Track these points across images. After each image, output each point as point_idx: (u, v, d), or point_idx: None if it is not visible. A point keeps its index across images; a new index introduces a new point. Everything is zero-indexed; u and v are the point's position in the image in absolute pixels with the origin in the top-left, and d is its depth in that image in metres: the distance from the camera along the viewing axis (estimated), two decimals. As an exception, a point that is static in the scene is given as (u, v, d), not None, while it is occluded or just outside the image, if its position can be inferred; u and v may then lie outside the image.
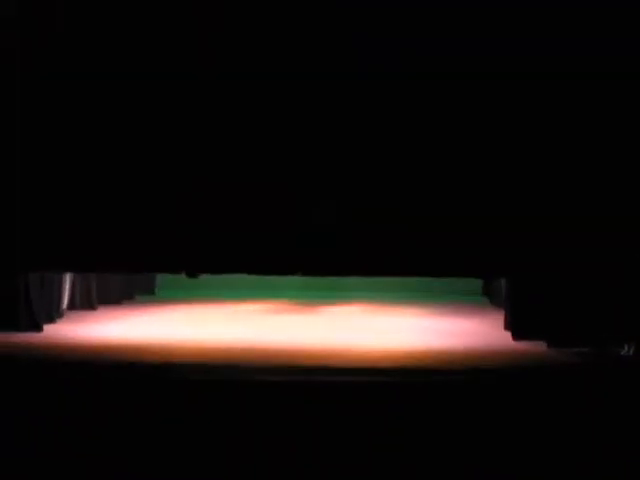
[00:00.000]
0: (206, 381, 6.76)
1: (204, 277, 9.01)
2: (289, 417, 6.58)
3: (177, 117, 8.04)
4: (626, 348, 7.94)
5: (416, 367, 7.34)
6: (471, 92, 7.86)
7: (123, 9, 7.94)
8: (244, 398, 6.64)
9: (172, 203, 8.09)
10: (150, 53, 7.93)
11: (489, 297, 11.41)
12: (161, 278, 12.30)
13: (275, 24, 7.85)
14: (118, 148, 8.07)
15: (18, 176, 8.13)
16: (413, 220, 7.99)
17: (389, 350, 8.09)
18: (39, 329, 8.83)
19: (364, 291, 12.42)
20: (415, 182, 8.00)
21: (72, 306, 10.17)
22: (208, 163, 8.09)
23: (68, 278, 9.96)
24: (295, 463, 6.48)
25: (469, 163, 7.96)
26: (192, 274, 8.73)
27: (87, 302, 10.46)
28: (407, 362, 7.54)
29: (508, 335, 8.69)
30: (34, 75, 8.00)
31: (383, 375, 6.93)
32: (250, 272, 8.57)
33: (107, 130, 8.05)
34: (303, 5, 7.84)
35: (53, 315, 9.41)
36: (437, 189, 7.99)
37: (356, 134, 7.96)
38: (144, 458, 6.50)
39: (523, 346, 8.26)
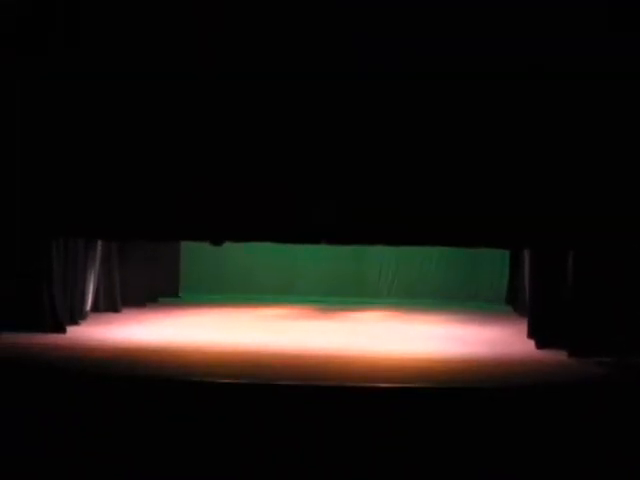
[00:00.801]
0: (225, 384, 6.78)
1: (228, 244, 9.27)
2: (309, 422, 6.60)
3: (195, 112, 8.24)
4: (649, 358, 7.86)
5: (437, 374, 7.32)
6: (471, 92, 7.85)
7: (123, 9, 8.07)
8: (263, 402, 6.68)
9: (196, 178, 8.31)
10: (153, 53, 8.07)
11: (513, 305, 11.35)
12: (185, 281, 12.37)
13: (275, 24, 7.92)
14: (146, 130, 8.33)
15: (46, 145, 8.39)
16: (412, 220, 8.04)
17: (409, 357, 8.05)
18: (62, 330, 8.93)
19: (387, 298, 12.40)
20: (415, 181, 8.02)
21: (95, 308, 10.26)
22: (210, 160, 8.29)
23: (92, 280, 10.05)
24: (314, 467, 6.50)
25: (467, 163, 7.96)
26: (216, 242, 8.96)
27: (111, 304, 10.55)
28: (427, 369, 7.53)
29: (528, 343, 8.63)
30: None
31: (401, 382, 6.88)
32: (272, 240, 8.77)
33: (143, 111, 8.33)
34: (303, 5, 7.90)
35: (76, 317, 9.53)
36: (436, 189, 8.01)
37: (356, 134, 8.00)
38: (160, 460, 6.56)
39: (543, 355, 8.19)
